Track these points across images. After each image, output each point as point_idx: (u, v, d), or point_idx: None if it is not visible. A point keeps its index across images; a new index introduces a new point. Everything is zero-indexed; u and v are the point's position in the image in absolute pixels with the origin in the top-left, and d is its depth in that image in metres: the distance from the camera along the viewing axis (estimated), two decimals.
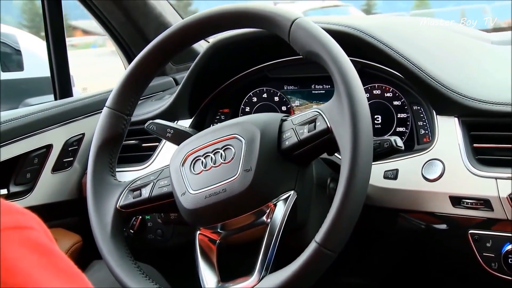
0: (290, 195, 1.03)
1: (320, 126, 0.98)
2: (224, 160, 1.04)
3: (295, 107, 1.51)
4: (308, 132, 1.00)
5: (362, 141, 0.91)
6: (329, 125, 0.97)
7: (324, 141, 0.98)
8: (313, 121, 1.00)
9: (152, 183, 1.16)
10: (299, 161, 1.05)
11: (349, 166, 0.91)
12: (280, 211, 1.02)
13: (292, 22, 1.01)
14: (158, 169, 1.19)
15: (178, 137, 1.25)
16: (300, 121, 1.02)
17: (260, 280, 0.98)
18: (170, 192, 1.12)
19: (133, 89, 1.21)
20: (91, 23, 1.97)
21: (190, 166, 1.09)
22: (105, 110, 1.21)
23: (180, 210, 1.09)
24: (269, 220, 1.02)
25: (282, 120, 1.06)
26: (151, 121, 1.30)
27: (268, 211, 1.02)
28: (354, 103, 0.93)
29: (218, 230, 1.08)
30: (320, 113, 0.99)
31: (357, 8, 8.89)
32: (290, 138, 1.02)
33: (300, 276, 0.93)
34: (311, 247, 0.92)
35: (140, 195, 1.16)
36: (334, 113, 0.97)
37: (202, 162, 1.07)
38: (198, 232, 1.10)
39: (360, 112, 0.93)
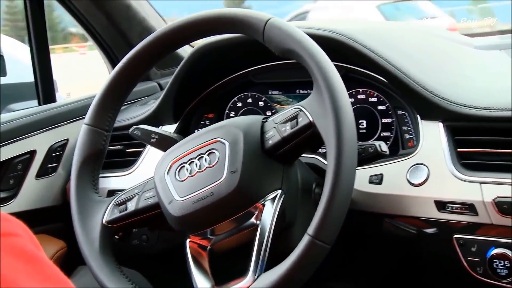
0: (277, 194, 1.02)
1: (302, 121, 0.99)
2: (209, 164, 1.04)
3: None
4: (291, 129, 1.00)
5: (346, 129, 0.91)
6: (311, 119, 0.97)
7: (307, 136, 0.99)
8: (294, 117, 1.00)
9: (137, 196, 1.16)
10: (283, 160, 1.04)
11: (335, 154, 0.91)
12: (269, 210, 1.01)
13: (266, 22, 1.02)
14: (142, 182, 1.18)
15: (163, 143, 1.24)
16: (281, 119, 1.02)
17: (255, 279, 0.97)
18: (157, 203, 1.11)
19: (113, 101, 1.20)
20: None
21: (175, 174, 1.08)
22: (83, 128, 1.20)
23: (168, 219, 1.08)
24: (258, 221, 1.01)
25: (263, 122, 1.06)
26: (135, 126, 1.29)
27: (256, 212, 1.02)
28: (334, 93, 0.93)
29: (208, 236, 1.07)
30: (301, 109, 1.00)
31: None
32: (273, 137, 1.02)
33: (295, 271, 0.92)
34: (304, 240, 0.92)
35: (126, 209, 1.15)
36: (315, 107, 0.97)
37: (187, 168, 1.06)
38: (188, 239, 1.09)
39: (341, 101, 0.93)
